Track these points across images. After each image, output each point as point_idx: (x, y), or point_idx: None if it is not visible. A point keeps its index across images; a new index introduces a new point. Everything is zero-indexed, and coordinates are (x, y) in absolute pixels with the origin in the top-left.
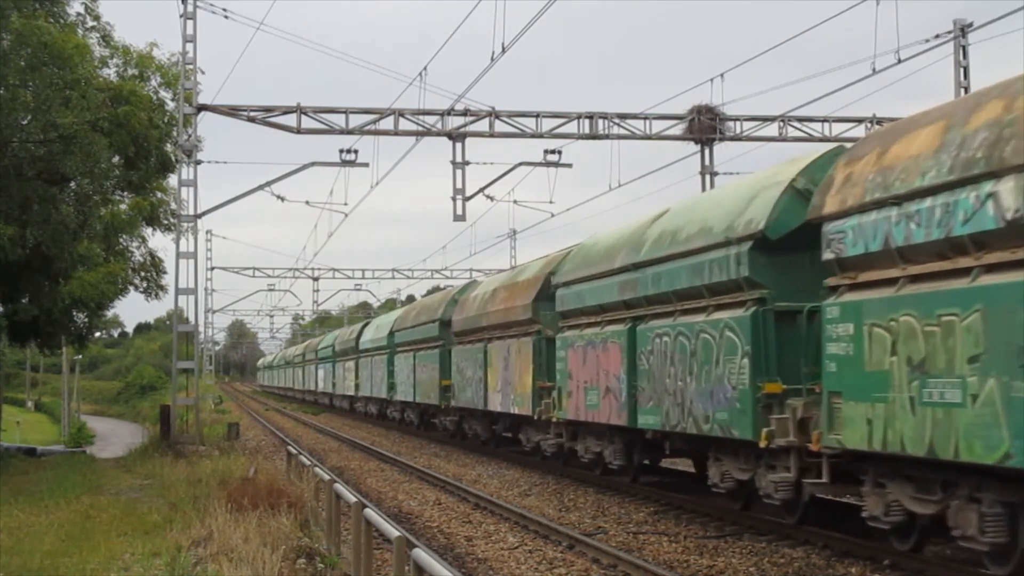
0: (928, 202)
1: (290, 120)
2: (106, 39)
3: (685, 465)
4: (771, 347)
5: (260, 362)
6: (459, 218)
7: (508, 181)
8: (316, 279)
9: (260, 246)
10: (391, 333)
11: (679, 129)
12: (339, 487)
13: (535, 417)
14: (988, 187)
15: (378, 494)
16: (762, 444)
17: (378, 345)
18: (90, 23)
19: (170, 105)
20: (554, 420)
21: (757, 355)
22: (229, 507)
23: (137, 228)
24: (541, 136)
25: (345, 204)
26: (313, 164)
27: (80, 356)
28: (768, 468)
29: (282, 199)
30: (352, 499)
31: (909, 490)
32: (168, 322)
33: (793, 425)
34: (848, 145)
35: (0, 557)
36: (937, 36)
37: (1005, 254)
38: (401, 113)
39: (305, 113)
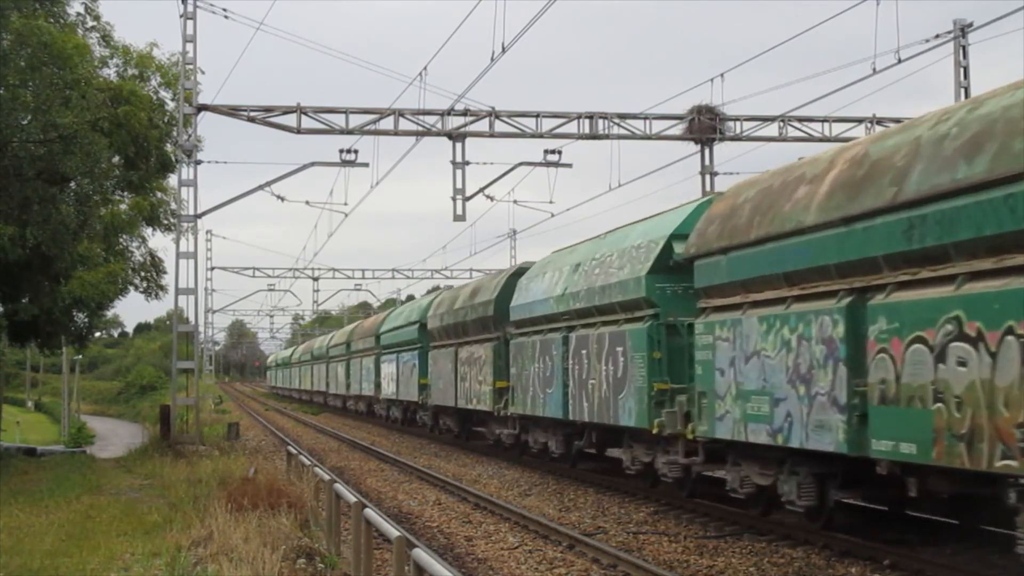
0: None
1: (290, 120)
2: (106, 39)
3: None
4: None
5: (271, 359)
6: (459, 218)
7: (508, 181)
8: (316, 279)
9: (260, 246)
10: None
11: (679, 129)
12: (339, 487)
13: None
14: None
15: (378, 494)
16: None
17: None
18: (90, 23)
19: (170, 105)
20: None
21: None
22: (229, 507)
23: (137, 228)
24: (541, 136)
25: (345, 204)
26: (313, 164)
27: (80, 356)
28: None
29: (282, 199)
30: (352, 499)
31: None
32: (168, 322)
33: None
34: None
35: (0, 557)
36: (937, 36)
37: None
38: (401, 113)
39: (305, 113)
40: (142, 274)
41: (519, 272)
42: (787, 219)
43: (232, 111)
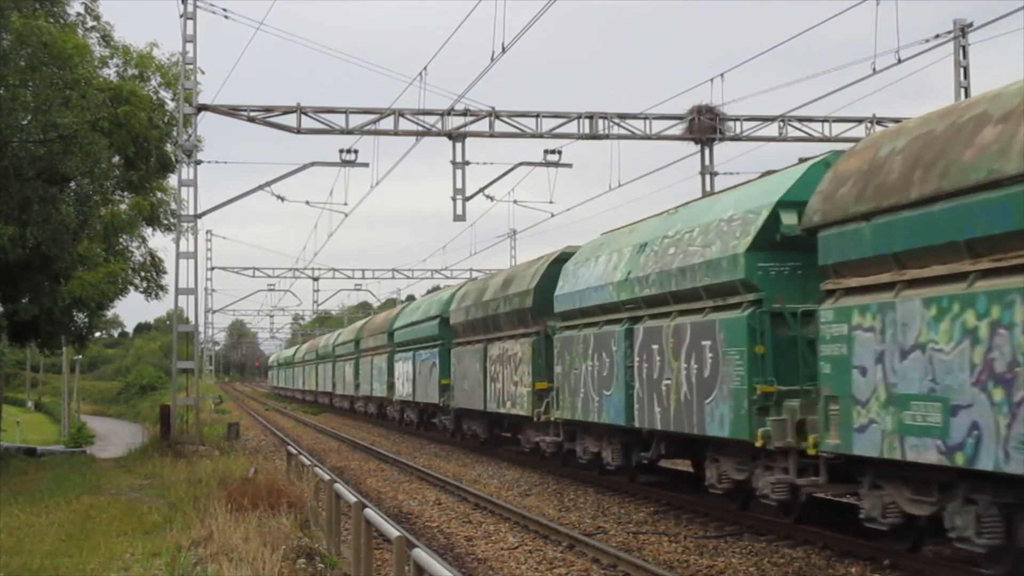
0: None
1: (290, 120)
2: (106, 39)
3: None
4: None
5: (273, 358)
6: (459, 218)
7: (508, 181)
8: (316, 279)
9: (260, 246)
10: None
11: (679, 129)
12: (339, 487)
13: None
14: None
15: (378, 494)
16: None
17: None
18: (90, 23)
19: (170, 105)
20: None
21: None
22: (229, 507)
23: (137, 228)
24: (541, 136)
25: (345, 204)
26: (313, 164)
27: (80, 356)
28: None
29: (282, 199)
30: (352, 499)
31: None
32: (168, 322)
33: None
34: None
35: (0, 557)
36: (937, 36)
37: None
38: (401, 113)
39: (305, 113)
40: (142, 274)
41: (563, 257)
42: (970, 169)
43: (232, 111)
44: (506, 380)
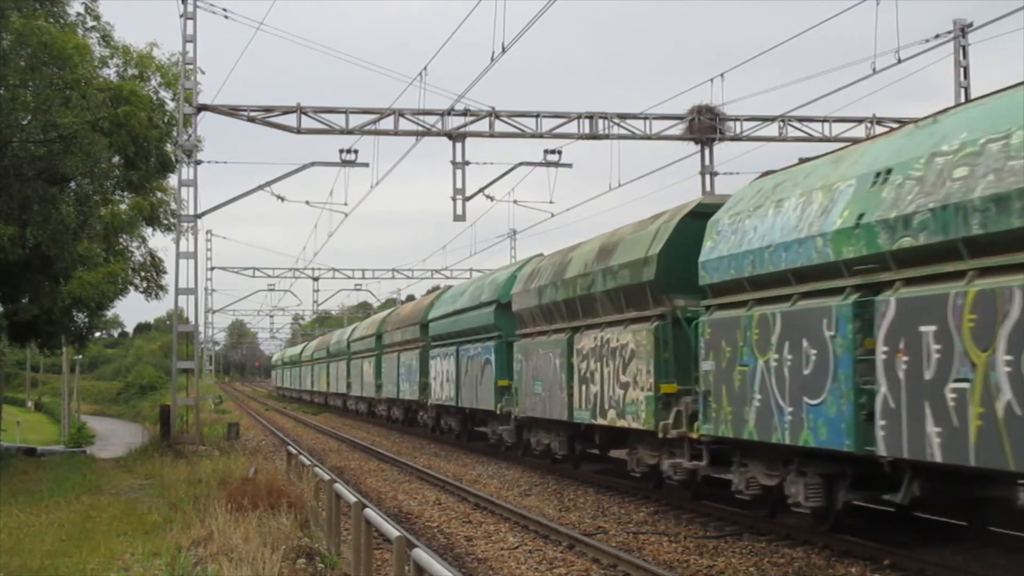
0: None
1: (290, 120)
2: (106, 39)
3: None
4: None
5: (276, 357)
6: (459, 218)
7: (508, 181)
8: (316, 279)
9: (260, 246)
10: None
11: (679, 129)
12: (339, 487)
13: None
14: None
15: (378, 494)
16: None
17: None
18: (90, 23)
19: (170, 105)
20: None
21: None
22: (229, 507)
23: (137, 228)
24: (541, 136)
25: (345, 204)
26: (313, 164)
27: (80, 356)
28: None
29: (282, 199)
30: (352, 499)
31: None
32: (168, 322)
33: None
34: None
35: (0, 557)
36: (937, 36)
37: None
38: (401, 113)
39: (305, 113)
40: (142, 274)
41: (701, 211)
42: None
43: (232, 111)
44: (607, 381)
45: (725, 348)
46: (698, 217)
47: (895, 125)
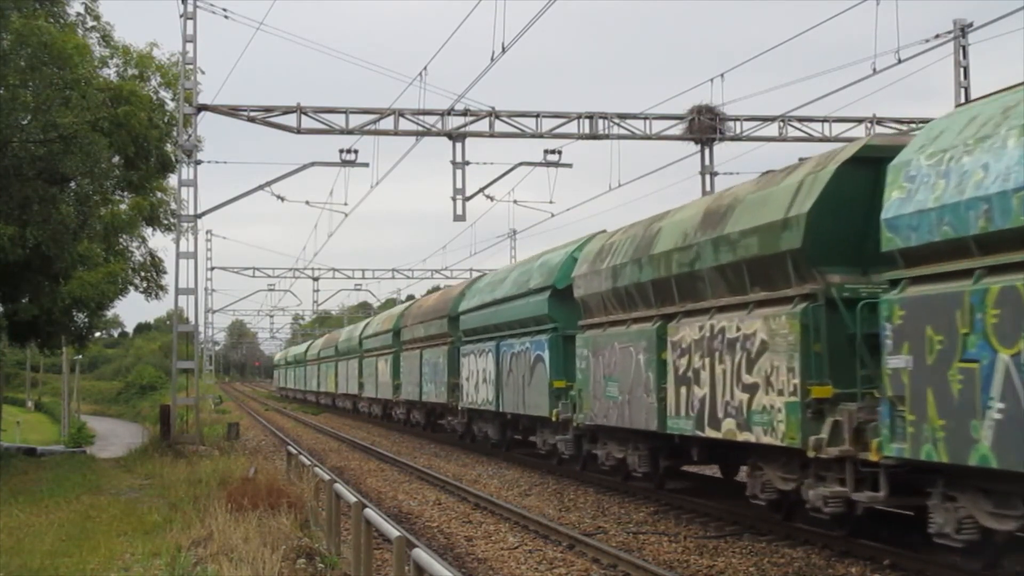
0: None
1: (290, 120)
2: (106, 39)
3: None
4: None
5: (279, 356)
6: (459, 218)
7: (508, 181)
8: (316, 279)
9: (260, 246)
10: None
11: (679, 129)
12: (339, 487)
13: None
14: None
15: (378, 494)
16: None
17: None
18: (90, 23)
19: (170, 105)
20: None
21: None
22: (229, 507)
23: (137, 228)
24: (541, 136)
25: (345, 204)
26: (313, 164)
27: (80, 356)
28: None
29: (282, 199)
30: (352, 499)
31: None
32: (168, 322)
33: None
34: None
35: (0, 557)
36: (937, 36)
37: None
38: (401, 113)
39: (305, 113)
40: (142, 274)
41: (866, 157)
42: None
43: (232, 111)
44: (722, 383)
45: (933, 337)
46: (862, 164)
47: (896, 126)
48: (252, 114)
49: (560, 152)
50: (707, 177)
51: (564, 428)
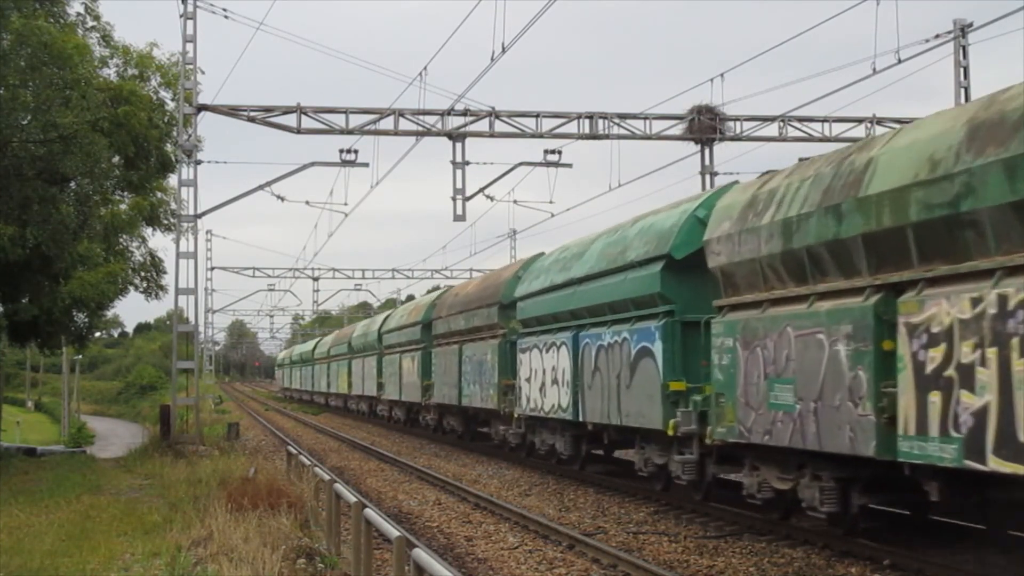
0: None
1: (290, 120)
2: (106, 39)
3: None
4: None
5: (283, 355)
6: (459, 218)
7: (508, 181)
8: (316, 279)
9: (260, 246)
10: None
11: (679, 129)
12: (339, 487)
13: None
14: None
15: (378, 494)
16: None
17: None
18: (90, 23)
19: (170, 105)
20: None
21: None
22: (229, 507)
23: (137, 228)
24: (541, 136)
25: (345, 204)
26: (313, 164)
27: (80, 356)
28: None
29: (282, 199)
30: (352, 499)
31: None
32: (168, 322)
33: None
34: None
35: (0, 557)
36: (937, 36)
37: None
38: (401, 113)
39: (305, 113)
40: (142, 274)
41: None
42: None
43: (232, 111)
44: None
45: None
46: None
47: (895, 126)
48: (252, 114)
49: (560, 152)
50: (707, 177)
51: (686, 444)
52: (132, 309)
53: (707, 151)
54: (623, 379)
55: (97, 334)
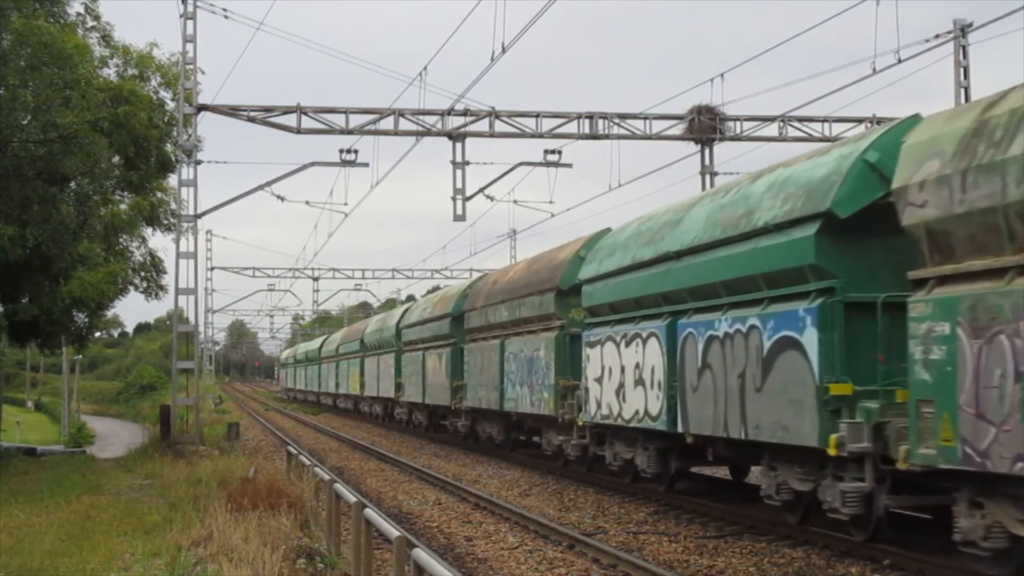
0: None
1: (290, 120)
2: (106, 39)
3: None
4: None
5: (287, 354)
6: (459, 218)
7: (508, 181)
8: (316, 279)
9: (260, 246)
10: None
11: (679, 129)
12: (339, 487)
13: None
14: None
15: (378, 494)
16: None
17: None
18: (90, 23)
19: (170, 105)
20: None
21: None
22: (229, 507)
23: (137, 228)
24: (541, 136)
25: (345, 204)
26: (313, 164)
27: (80, 356)
28: None
29: (282, 199)
30: (352, 499)
31: None
32: (168, 322)
33: None
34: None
35: (0, 557)
36: (937, 36)
37: None
38: (401, 113)
39: (305, 113)
40: (142, 274)
41: None
42: None
43: (232, 111)
44: None
45: None
46: None
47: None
48: (252, 114)
49: (560, 152)
50: (707, 177)
51: (846, 468)
52: (132, 309)
53: (707, 151)
54: (750, 380)
55: (97, 334)
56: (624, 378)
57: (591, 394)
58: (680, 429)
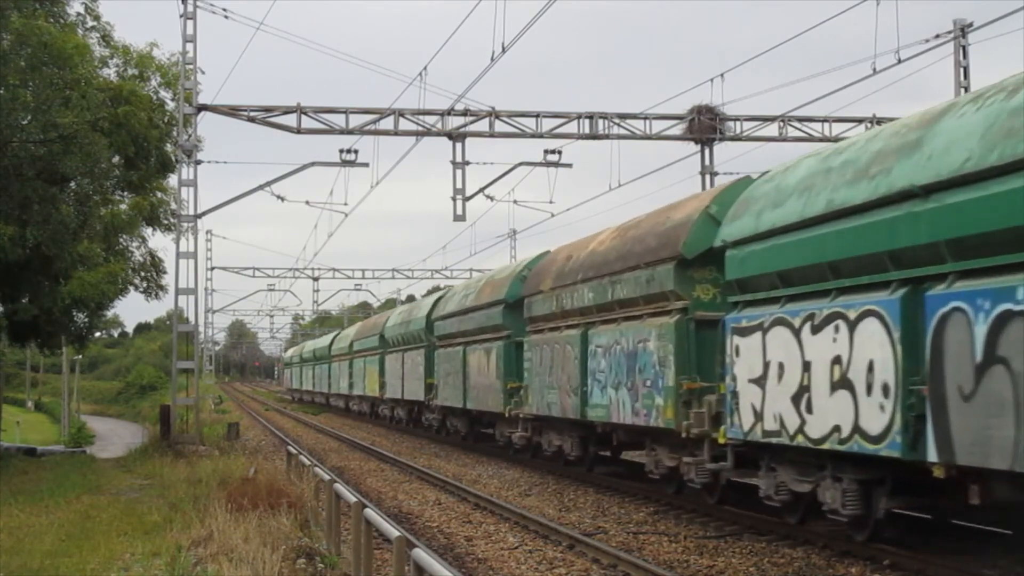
0: None
1: (290, 120)
2: (106, 39)
3: None
4: None
5: (291, 352)
6: (459, 218)
7: (508, 181)
8: (316, 279)
9: (260, 246)
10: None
11: (679, 129)
12: (339, 487)
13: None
14: None
15: (378, 494)
16: None
17: None
18: (90, 23)
19: (170, 105)
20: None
21: None
22: (229, 507)
23: (137, 228)
24: (541, 136)
25: (345, 204)
26: (313, 164)
27: (80, 356)
28: None
29: (282, 199)
30: (352, 499)
31: None
32: (168, 322)
33: None
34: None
35: (0, 557)
36: (937, 36)
37: None
38: (401, 113)
39: (305, 113)
40: (142, 274)
41: None
42: None
43: (232, 111)
44: None
45: None
46: None
47: None
48: (252, 114)
49: (560, 152)
50: (707, 177)
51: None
52: (132, 309)
53: (707, 151)
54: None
55: (97, 334)
56: (809, 378)
57: (743, 400)
58: (931, 457)
